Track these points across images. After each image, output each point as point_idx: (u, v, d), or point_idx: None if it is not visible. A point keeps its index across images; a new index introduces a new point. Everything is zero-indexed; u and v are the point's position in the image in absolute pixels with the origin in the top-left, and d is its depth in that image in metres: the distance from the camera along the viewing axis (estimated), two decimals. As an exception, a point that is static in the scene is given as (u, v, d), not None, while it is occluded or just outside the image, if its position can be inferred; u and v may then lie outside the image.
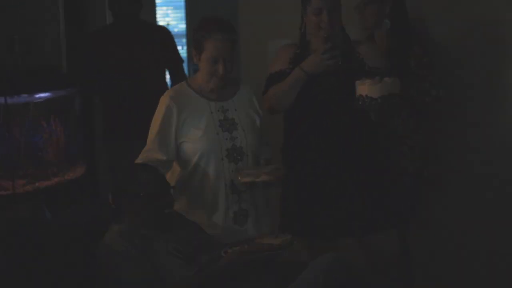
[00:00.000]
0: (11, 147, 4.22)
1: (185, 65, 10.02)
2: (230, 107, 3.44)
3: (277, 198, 3.65)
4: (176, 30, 10.20)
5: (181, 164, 3.41)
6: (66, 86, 4.55)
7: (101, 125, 5.03)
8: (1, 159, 4.26)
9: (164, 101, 3.40)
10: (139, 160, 3.35)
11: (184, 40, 10.27)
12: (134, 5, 4.88)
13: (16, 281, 2.63)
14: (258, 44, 4.35)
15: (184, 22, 9.99)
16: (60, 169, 4.43)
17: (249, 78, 4.29)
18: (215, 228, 3.35)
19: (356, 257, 3.47)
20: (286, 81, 3.50)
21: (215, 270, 2.91)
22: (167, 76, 5.18)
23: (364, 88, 3.24)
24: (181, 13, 10.38)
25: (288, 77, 3.51)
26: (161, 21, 10.11)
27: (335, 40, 3.39)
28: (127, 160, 4.24)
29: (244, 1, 4.38)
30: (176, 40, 5.05)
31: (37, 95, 4.36)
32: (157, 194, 3.07)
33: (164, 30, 5.17)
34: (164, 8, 10.29)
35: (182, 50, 10.55)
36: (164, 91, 4.65)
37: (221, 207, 3.38)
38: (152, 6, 7.38)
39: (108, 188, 3.21)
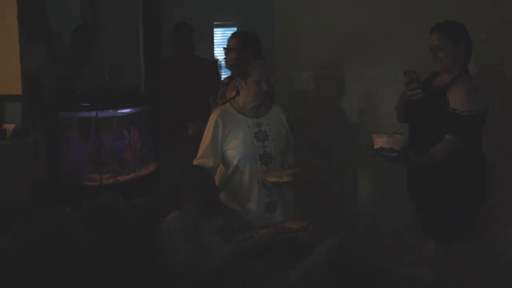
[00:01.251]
0: (100, 149, 4.30)
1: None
2: (263, 122, 3.47)
3: (299, 193, 3.62)
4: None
5: (224, 165, 3.46)
6: (143, 104, 4.61)
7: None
8: (92, 158, 4.34)
9: (213, 118, 3.44)
10: (195, 163, 3.40)
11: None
12: (189, 43, 4.94)
13: (95, 252, 2.66)
14: (288, 73, 4.37)
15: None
16: (136, 166, 4.49)
17: (280, 99, 4.31)
18: (250, 215, 3.37)
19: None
20: (397, 103, 3.47)
21: (247, 247, 2.92)
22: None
23: (373, 140, 3.14)
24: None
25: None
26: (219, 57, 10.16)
27: (411, 77, 3.24)
28: (183, 161, 4.34)
29: (280, 41, 4.39)
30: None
31: (121, 111, 4.44)
32: (205, 187, 3.13)
33: (212, 63, 5.16)
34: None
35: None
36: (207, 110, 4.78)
37: (255, 199, 3.40)
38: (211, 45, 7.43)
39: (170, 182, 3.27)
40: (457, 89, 3.17)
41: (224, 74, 10.33)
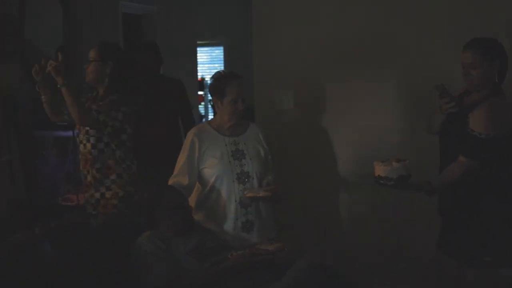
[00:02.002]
0: (77, 168, 4.22)
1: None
2: (240, 141, 3.42)
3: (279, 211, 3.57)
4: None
5: (201, 184, 3.39)
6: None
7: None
8: (69, 177, 4.27)
9: (190, 136, 3.39)
10: (170, 181, 3.34)
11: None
12: (155, 63, 4.80)
13: (64, 272, 2.59)
14: (267, 93, 4.31)
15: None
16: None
17: (260, 119, 4.26)
18: (227, 234, 3.30)
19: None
20: (433, 115, 3.31)
21: (222, 268, 2.88)
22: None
23: (375, 167, 3.10)
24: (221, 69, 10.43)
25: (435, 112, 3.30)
26: (206, 75, 10.19)
27: (441, 91, 3.09)
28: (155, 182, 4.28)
29: (257, 60, 4.35)
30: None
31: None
32: (179, 207, 3.06)
33: (178, 83, 4.97)
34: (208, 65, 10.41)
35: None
36: (177, 131, 4.75)
37: (232, 218, 3.32)
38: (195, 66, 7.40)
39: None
40: (480, 110, 3.00)
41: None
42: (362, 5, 4.06)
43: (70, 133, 4.14)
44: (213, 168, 3.32)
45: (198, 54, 7.58)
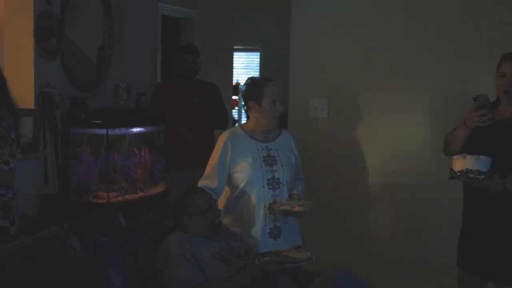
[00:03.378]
0: (109, 167, 4.23)
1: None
2: (272, 147, 3.37)
3: (303, 220, 3.50)
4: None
5: (231, 188, 3.36)
6: (154, 123, 4.55)
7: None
8: (102, 175, 4.28)
9: (222, 139, 3.35)
10: (200, 184, 3.32)
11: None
12: (192, 66, 4.80)
13: (90, 270, 2.57)
14: (302, 100, 4.28)
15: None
16: (145, 186, 4.42)
17: (293, 126, 4.22)
18: (253, 239, 3.27)
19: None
20: (456, 130, 3.22)
21: (249, 273, 2.83)
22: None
23: (453, 162, 2.95)
24: (256, 75, 10.47)
25: (458, 127, 3.22)
26: (241, 80, 10.20)
27: (482, 102, 3.01)
28: (184, 183, 4.26)
29: (294, 67, 4.32)
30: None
31: (132, 129, 4.38)
32: (207, 210, 3.03)
33: (213, 87, 4.98)
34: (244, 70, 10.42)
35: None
36: (210, 134, 4.72)
37: (260, 224, 3.28)
38: (231, 70, 7.39)
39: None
40: None
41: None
42: (397, 17, 4.04)
43: (104, 131, 4.16)
44: (244, 173, 3.29)
45: (234, 59, 7.56)
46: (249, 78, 3.42)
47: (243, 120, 10.34)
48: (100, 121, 4.18)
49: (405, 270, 4.08)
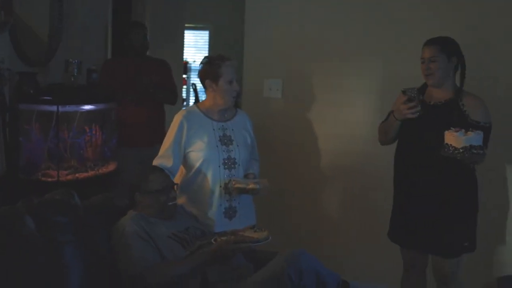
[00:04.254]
0: (60, 145, 4.13)
1: (204, 93, 9.97)
2: (228, 127, 3.37)
3: (259, 200, 3.52)
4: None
5: (186, 168, 3.34)
6: (105, 101, 4.47)
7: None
8: (52, 153, 4.18)
9: (178, 118, 3.33)
10: (154, 163, 3.28)
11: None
12: (141, 43, 4.79)
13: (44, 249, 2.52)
14: (256, 80, 4.27)
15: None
16: (96, 164, 4.34)
17: (247, 106, 4.22)
18: (209, 219, 3.27)
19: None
20: (387, 122, 3.38)
21: (205, 253, 2.83)
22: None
23: (451, 138, 2.97)
24: (206, 54, 10.43)
25: (388, 118, 3.37)
26: (189, 58, 10.12)
27: (411, 94, 3.15)
28: (137, 162, 4.21)
29: (248, 48, 4.30)
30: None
31: (83, 107, 4.29)
32: (162, 191, 3.00)
33: (164, 64, 4.96)
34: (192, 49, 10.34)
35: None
36: (161, 109, 4.72)
37: (215, 204, 3.28)
38: (181, 48, 7.31)
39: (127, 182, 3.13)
40: (472, 102, 3.17)
41: (194, 76, 10.36)
42: (350, 6, 4.10)
43: (54, 108, 4.05)
44: (200, 152, 3.27)
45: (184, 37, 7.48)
46: (205, 57, 3.39)
47: (191, 99, 10.27)
48: (50, 98, 4.06)
49: (357, 248, 4.18)
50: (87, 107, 4.28)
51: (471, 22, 3.83)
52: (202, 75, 3.34)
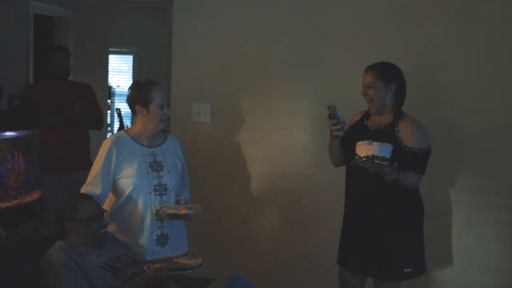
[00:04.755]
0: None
1: (128, 118, 9.88)
2: (158, 152, 3.32)
3: (191, 226, 3.48)
4: (125, 89, 10.24)
5: (116, 195, 3.26)
6: (28, 127, 4.34)
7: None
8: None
9: (106, 144, 3.25)
10: (82, 190, 3.19)
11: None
12: (64, 67, 4.70)
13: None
14: (185, 105, 4.24)
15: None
16: (19, 193, 4.20)
17: (176, 131, 4.17)
18: (140, 247, 3.20)
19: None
20: (329, 142, 3.39)
21: (138, 281, 2.76)
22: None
23: (358, 148, 3.04)
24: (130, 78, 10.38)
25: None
26: (112, 83, 9.99)
27: (331, 111, 3.19)
28: (60, 188, 4.09)
29: (176, 72, 4.27)
30: (124, 97, 4.81)
31: (4, 133, 4.15)
32: (93, 219, 2.91)
33: (87, 87, 4.87)
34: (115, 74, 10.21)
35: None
36: (85, 134, 4.67)
37: (147, 231, 3.21)
38: (106, 73, 7.21)
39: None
40: (406, 128, 3.20)
41: (118, 101, 10.22)
42: (282, 24, 4.10)
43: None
44: (130, 179, 3.21)
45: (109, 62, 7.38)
46: (134, 82, 3.35)
47: (116, 124, 10.12)
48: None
49: (291, 271, 4.16)
50: (9, 133, 4.15)
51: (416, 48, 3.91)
52: (131, 100, 3.28)
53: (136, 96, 3.25)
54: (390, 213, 3.24)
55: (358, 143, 3.07)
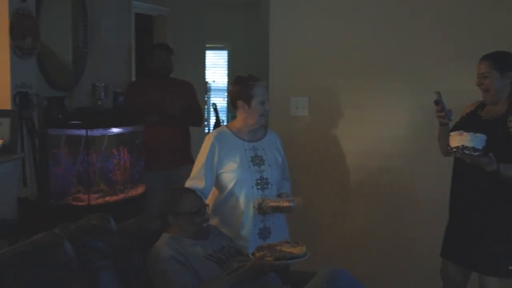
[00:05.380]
0: (89, 168, 4.16)
1: (224, 113, 10.04)
2: (259, 146, 3.36)
3: (291, 220, 3.50)
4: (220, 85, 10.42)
5: (218, 189, 3.33)
6: (133, 123, 4.48)
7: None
8: (81, 177, 4.20)
9: (209, 139, 3.31)
10: (187, 184, 3.28)
11: (225, 93, 10.33)
12: (165, 65, 4.77)
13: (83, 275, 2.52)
14: (283, 99, 4.26)
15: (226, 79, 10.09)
16: (125, 187, 4.35)
17: (274, 124, 4.20)
18: (243, 240, 3.25)
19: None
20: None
21: (242, 271, 2.78)
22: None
23: (450, 138, 3.02)
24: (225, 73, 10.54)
25: None
26: (208, 78, 10.16)
27: (436, 98, 3.18)
28: (164, 185, 4.20)
29: (274, 66, 4.29)
30: (219, 92, 4.92)
31: (111, 130, 4.31)
32: (196, 213, 2.98)
33: (187, 85, 4.94)
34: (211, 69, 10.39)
35: (223, 100, 10.61)
36: (186, 131, 4.72)
37: (249, 224, 3.27)
38: (203, 69, 7.35)
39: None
40: None
41: (214, 96, 10.41)
42: (379, 17, 4.08)
43: (83, 132, 4.08)
44: (232, 173, 3.26)
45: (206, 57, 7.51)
46: (237, 77, 3.39)
47: (212, 120, 10.30)
48: (79, 122, 4.10)
49: (393, 263, 4.14)
50: (115, 130, 4.31)
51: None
52: (233, 95, 3.34)
53: (238, 92, 3.30)
54: (497, 206, 3.15)
55: (450, 133, 3.04)
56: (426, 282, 3.88)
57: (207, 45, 8.46)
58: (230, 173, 3.26)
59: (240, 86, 3.30)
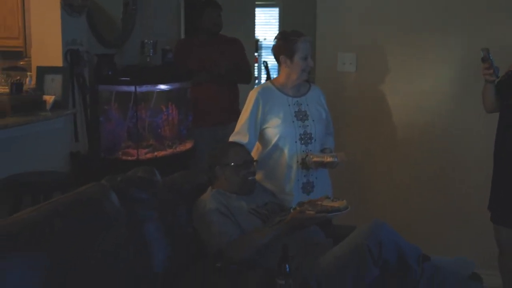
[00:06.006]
0: (138, 124, 4.25)
1: (275, 70, 10.01)
2: (303, 102, 3.36)
3: (334, 175, 3.52)
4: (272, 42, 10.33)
5: (262, 144, 3.36)
6: (181, 80, 4.54)
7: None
8: (131, 133, 4.30)
9: (253, 95, 3.34)
10: (231, 139, 3.32)
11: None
12: (215, 22, 4.79)
13: (129, 225, 2.59)
14: (330, 54, 4.23)
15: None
16: (173, 143, 4.43)
17: (321, 80, 4.19)
18: (286, 195, 3.28)
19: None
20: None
21: (283, 224, 2.81)
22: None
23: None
24: (276, 31, 10.40)
25: None
26: (259, 36, 10.12)
27: (484, 55, 3.05)
28: (212, 141, 4.24)
29: (321, 22, 4.26)
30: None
31: (159, 86, 4.38)
32: (242, 165, 3.03)
33: (237, 42, 4.95)
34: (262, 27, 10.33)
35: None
36: (234, 89, 4.73)
37: (293, 179, 3.29)
38: (253, 26, 7.32)
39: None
40: None
41: (265, 54, 10.38)
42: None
43: (132, 88, 4.16)
44: (276, 128, 3.28)
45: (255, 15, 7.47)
46: (280, 32, 3.39)
47: (263, 78, 10.30)
48: (128, 78, 4.17)
49: (437, 221, 4.10)
50: (164, 86, 4.38)
51: None
52: (276, 50, 3.34)
53: (281, 47, 3.30)
54: None
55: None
56: (472, 244, 3.86)
57: (258, 3, 8.42)
58: (273, 128, 3.28)
59: (282, 41, 3.30)
